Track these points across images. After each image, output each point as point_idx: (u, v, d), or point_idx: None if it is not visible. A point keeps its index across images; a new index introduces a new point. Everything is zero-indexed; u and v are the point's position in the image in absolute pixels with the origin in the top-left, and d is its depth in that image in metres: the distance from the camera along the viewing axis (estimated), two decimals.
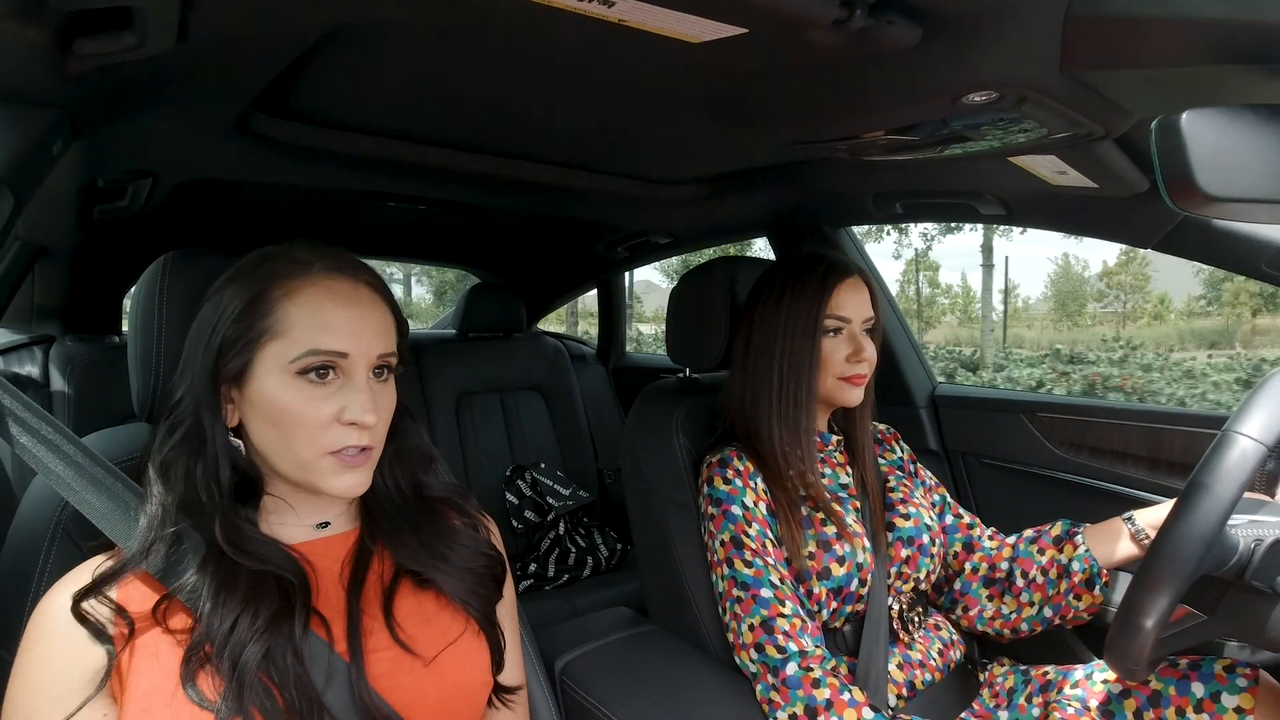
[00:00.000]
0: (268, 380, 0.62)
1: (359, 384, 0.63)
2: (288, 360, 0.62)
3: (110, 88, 0.85)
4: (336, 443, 0.62)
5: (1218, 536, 0.70)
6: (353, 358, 0.63)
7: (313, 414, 0.62)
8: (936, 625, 1.09)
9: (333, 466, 0.63)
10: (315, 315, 0.62)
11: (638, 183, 1.53)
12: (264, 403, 0.62)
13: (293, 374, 0.62)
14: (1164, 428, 1.25)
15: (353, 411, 0.62)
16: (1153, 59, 0.66)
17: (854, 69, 0.79)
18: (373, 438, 0.65)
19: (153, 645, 0.58)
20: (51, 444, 0.64)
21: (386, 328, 0.67)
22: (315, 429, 0.62)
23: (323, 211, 1.83)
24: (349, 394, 0.63)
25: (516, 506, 2.05)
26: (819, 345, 1.03)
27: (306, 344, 0.62)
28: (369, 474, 0.66)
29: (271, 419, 0.62)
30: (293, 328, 0.62)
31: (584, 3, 0.64)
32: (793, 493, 1.01)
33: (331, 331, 0.62)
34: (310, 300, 0.63)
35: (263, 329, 0.62)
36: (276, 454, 0.64)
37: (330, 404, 0.62)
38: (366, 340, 0.64)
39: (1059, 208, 1.22)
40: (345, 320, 0.63)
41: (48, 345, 1.84)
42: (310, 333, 0.62)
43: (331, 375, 0.63)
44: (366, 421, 0.62)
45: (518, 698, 0.77)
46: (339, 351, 0.62)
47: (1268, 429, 0.71)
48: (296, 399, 0.62)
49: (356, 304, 0.65)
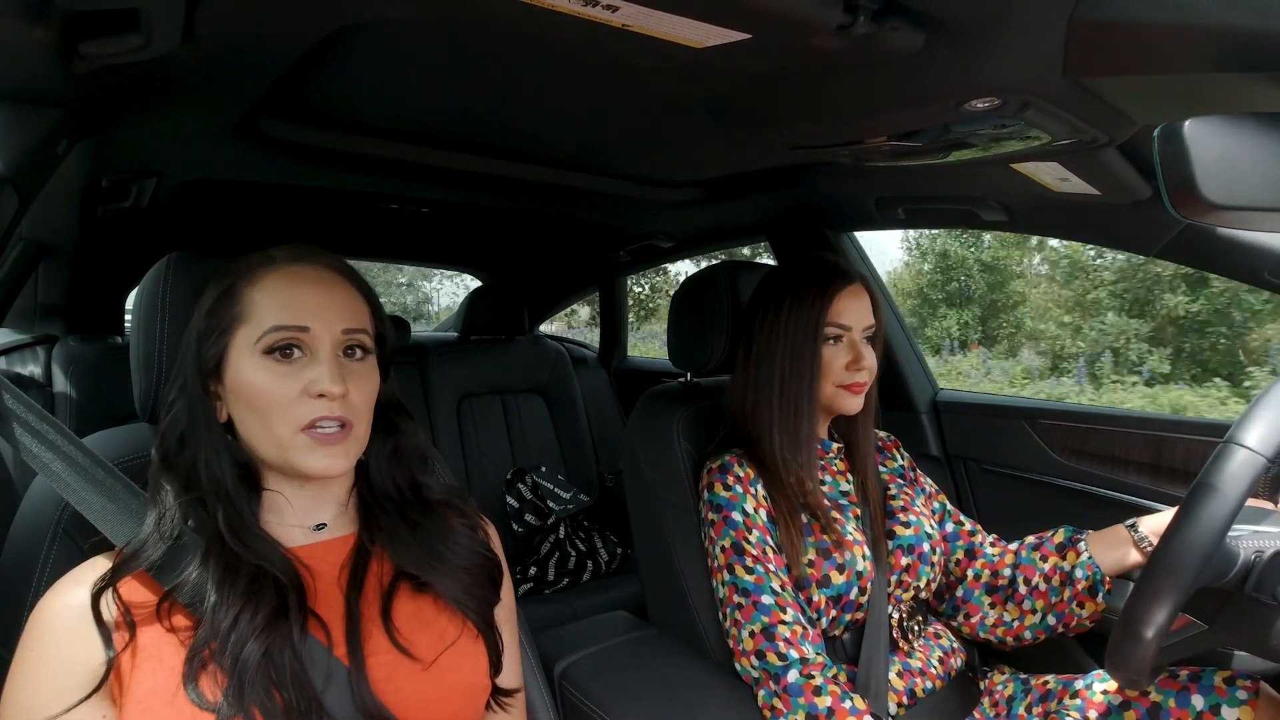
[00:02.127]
0: (241, 365, 0.65)
1: (324, 358, 0.65)
2: (253, 341, 0.64)
3: (115, 88, 0.86)
4: (306, 416, 0.64)
5: (1217, 549, 0.70)
6: (314, 332, 0.65)
7: (281, 391, 0.64)
8: (937, 633, 1.09)
9: (306, 444, 0.64)
10: (277, 297, 0.65)
11: (640, 186, 1.54)
12: (239, 388, 0.65)
13: (260, 354, 0.64)
14: (1166, 435, 1.24)
15: (318, 383, 0.64)
16: (1156, 66, 0.66)
17: (857, 74, 0.79)
18: (346, 410, 0.65)
19: (155, 646, 0.59)
20: (52, 444, 0.65)
21: (351, 306, 0.69)
22: (286, 405, 0.64)
23: (325, 212, 1.83)
24: (314, 368, 0.65)
25: (517, 510, 2.04)
26: (819, 353, 1.03)
27: (269, 322, 0.64)
28: (349, 455, 0.67)
29: (248, 403, 0.64)
30: (257, 310, 0.65)
31: (588, 8, 0.64)
32: (793, 500, 1.01)
33: (292, 309, 0.65)
34: (273, 284, 0.66)
35: (232, 317, 0.65)
36: (258, 439, 0.65)
37: (297, 380, 0.64)
38: (328, 316, 0.66)
39: (1061, 214, 1.22)
40: (306, 298, 0.66)
41: (50, 345, 1.85)
42: (272, 312, 0.65)
43: (298, 354, 0.65)
44: (332, 391, 0.64)
45: (515, 701, 0.77)
46: (300, 325, 0.65)
47: (1268, 440, 0.70)
48: (266, 378, 0.64)
49: (317, 284, 0.67)
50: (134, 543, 0.61)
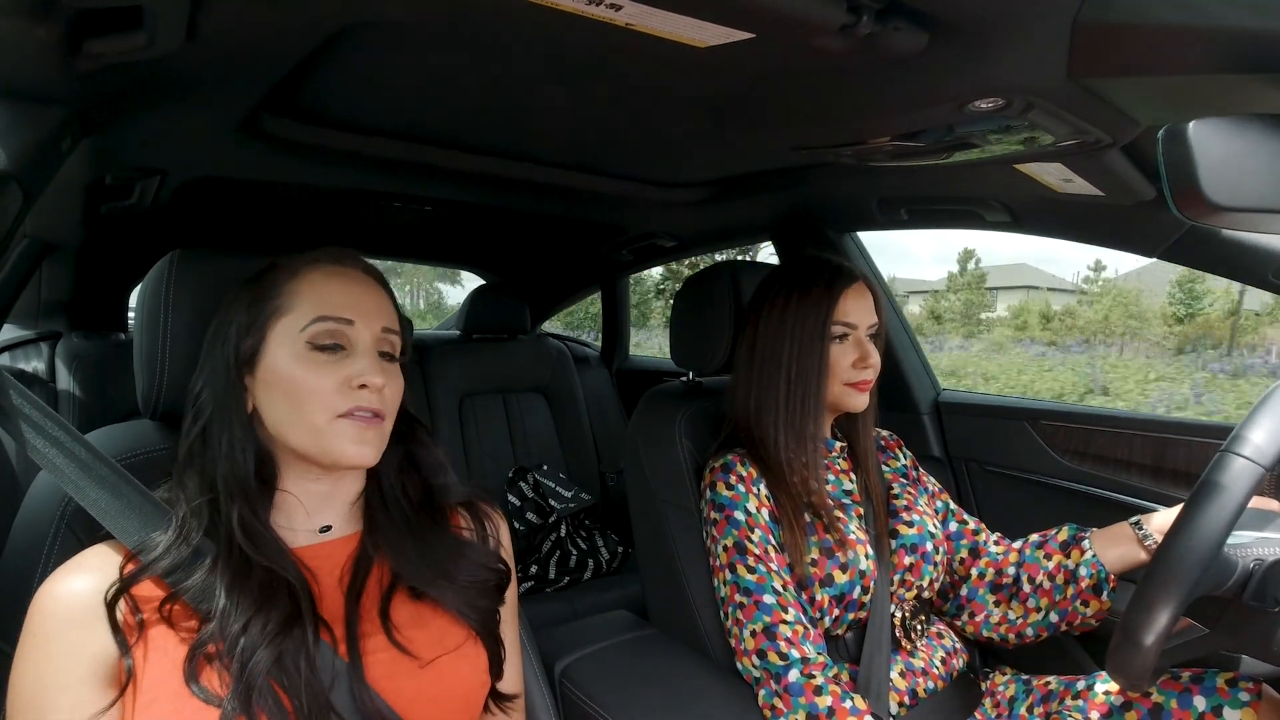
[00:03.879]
0: (280, 354, 0.66)
1: (365, 351, 0.67)
2: (297, 331, 0.66)
3: (119, 86, 0.86)
4: (345, 404, 0.65)
5: (1215, 559, 0.70)
6: (358, 326, 0.67)
7: (323, 382, 0.65)
8: (939, 633, 1.09)
9: (347, 430, 0.65)
10: (320, 290, 0.67)
11: (643, 185, 1.54)
12: (277, 377, 0.65)
13: (303, 344, 0.66)
14: (1168, 437, 1.24)
15: (362, 375, 0.66)
16: (1161, 67, 0.66)
17: (860, 74, 0.79)
18: (382, 403, 0.67)
19: (160, 639, 0.59)
20: (57, 440, 0.65)
21: (388, 308, 0.71)
22: (327, 394, 0.65)
23: (329, 211, 1.83)
24: (356, 361, 0.66)
25: (518, 508, 2.05)
26: (826, 351, 1.03)
27: (315, 312, 0.66)
28: (379, 446, 0.68)
29: (285, 392, 0.65)
30: (300, 302, 0.67)
31: (591, 7, 0.64)
32: (796, 499, 1.01)
33: (336, 304, 0.67)
34: (316, 279, 0.68)
35: (272, 309, 0.67)
36: (289, 425, 0.66)
37: (337, 371, 0.66)
38: (369, 314, 0.68)
39: (1065, 215, 1.21)
40: (349, 295, 0.68)
41: (54, 341, 1.85)
42: (317, 304, 0.67)
43: (339, 350, 0.67)
44: (375, 382, 0.66)
45: (515, 704, 0.77)
46: (345, 318, 0.67)
47: (1265, 449, 0.70)
48: (308, 369, 0.65)
49: (359, 283, 0.70)
50: (151, 546, 0.61)
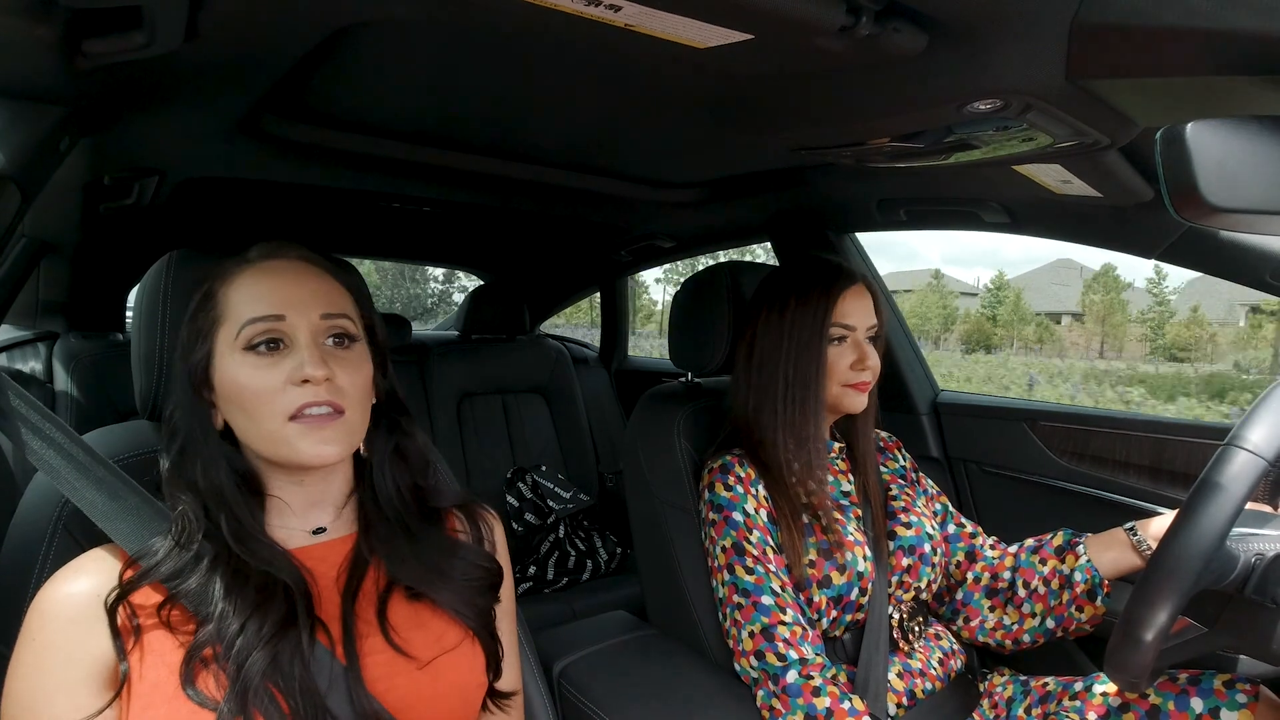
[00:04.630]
0: (224, 364, 0.65)
1: (303, 344, 0.65)
2: (233, 339, 0.65)
3: (118, 86, 0.86)
4: (293, 404, 0.63)
5: (1217, 552, 0.70)
6: (291, 320, 0.65)
7: (264, 383, 0.64)
8: (937, 634, 1.09)
9: (298, 431, 0.63)
10: (249, 292, 0.66)
11: (642, 186, 1.54)
12: (227, 387, 0.65)
13: (240, 350, 0.64)
14: (1166, 438, 1.24)
15: (300, 369, 0.64)
16: (1159, 69, 0.66)
17: (859, 75, 0.79)
18: (334, 395, 0.65)
19: (156, 642, 0.59)
20: (54, 442, 0.65)
21: (329, 293, 0.68)
22: (272, 397, 0.63)
23: (327, 211, 1.83)
24: (295, 356, 0.65)
25: (517, 509, 2.04)
26: (825, 353, 1.03)
27: (244, 316, 0.65)
28: (341, 441, 0.65)
29: (236, 401, 0.64)
30: (233, 309, 0.65)
31: (590, 7, 0.64)
32: (795, 500, 1.01)
33: (266, 301, 0.65)
34: (247, 281, 0.67)
35: (211, 320, 0.66)
36: (252, 438, 0.65)
37: (279, 371, 0.64)
38: (304, 305, 0.66)
39: (1063, 217, 1.22)
40: (279, 290, 0.66)
41: (51, 342, 1.85)
42: (246, 307, 0.65)
43: (279, 347, 0.65)
44: (315, 375, 0.63)
45: (513, 703, 0.77)
46: (274, 314, 0.65)
47: (1268, 443, 0.70)
48: (249, 373, 0.64)
49: (291, 275, 0.68)
50: (151, 551, 0.61)
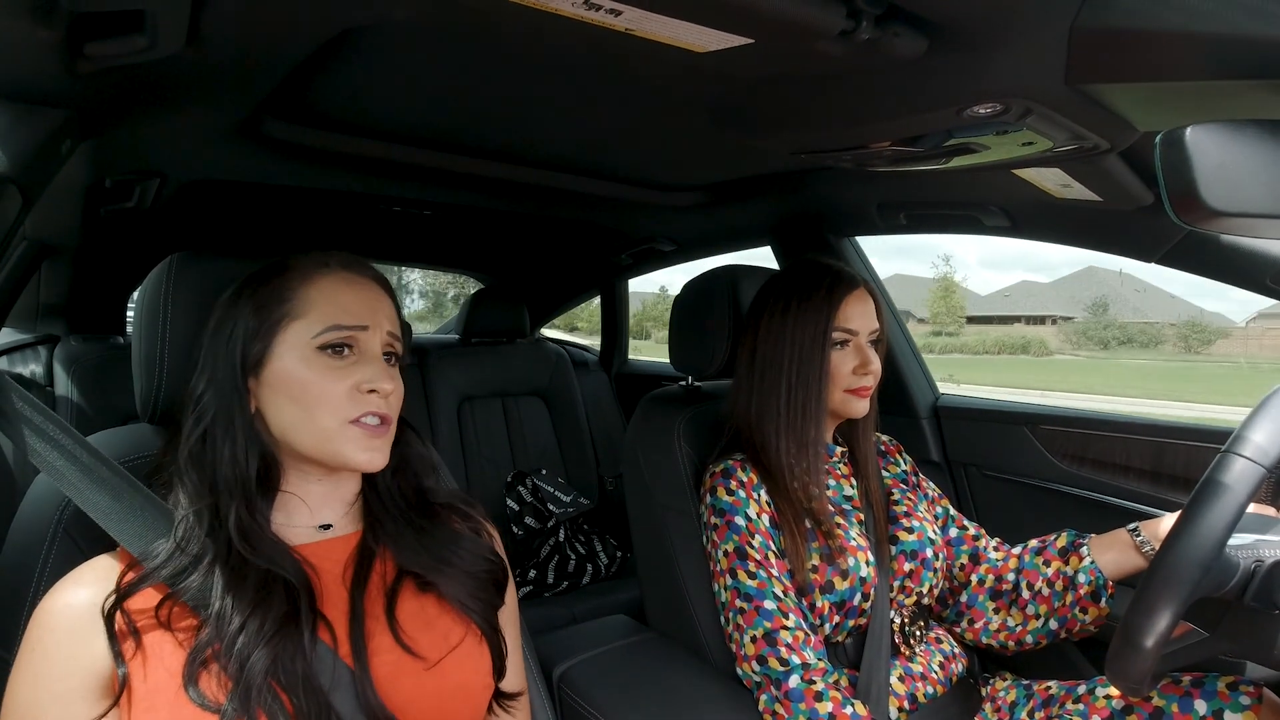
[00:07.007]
0: (289, 358, 0.66)
1: (374, 356, 0.68)
2: (310, 337, 0.66)
3: (120, 88, 0.86)
4: (355, 410, 0.66)
5: (1216, 560, 0.70)
6: (370, 331, 0.68)
7: (334, 387, 0.66)
8: (938, 638, 1.09)
9: (356, 436, 0.66)
10: (334, 298, 0.68)
11: (642, 189, 1.54)
12: (285, 381, 0.66)
13: (314, 350, 0.66)
14: (1167, 441, 1.24)
15: (373, 381, 0.67)
16: (1159, 73, 0.66)
17: (859, 79, 0.80)
18: (389, 408, 0.68)
19: (157, 645, 0.58)
20: (57, 443, 0.65)
21: (392, 313, 0.73)
22: (337, 399, 0.66)
23: (328, 214, 1.84)
24: (366, 367, 0.67)
25: (517, 512, 2.04)
26: (828, 357, 1.02)
27: (329, 320, 0.67)
28: (387, 451, 0.69)
29: (294, 396, 0.66)
30: (313, 308, 0.67)
31: (591, 12, 0.64)
32: (797, 505, 1.01)
33: (351, 312, 0.68)
34: (329, 285, 0.69)
35: (283, 313, 0.67)
36: (298, 429, 0.66)
37: (349, 376, 0.67)
38: (379, 320, 0.70)
39: (1063, 220, 1.22)
40: (362, 302, 0.69)
41: (52, 345, 1.85)
42: (331, 311, 0.67)
43: (348, 353, 0.68)
44: (385, 388, 0.67)
45: (519, 703, 0.77)
46: (359, 325, 0.68)
47: (1266, 450, 0.70)
48: (319, 373, 0.66)
49: (371, 290, 0.71)
50: (153, 554, 0.61)
